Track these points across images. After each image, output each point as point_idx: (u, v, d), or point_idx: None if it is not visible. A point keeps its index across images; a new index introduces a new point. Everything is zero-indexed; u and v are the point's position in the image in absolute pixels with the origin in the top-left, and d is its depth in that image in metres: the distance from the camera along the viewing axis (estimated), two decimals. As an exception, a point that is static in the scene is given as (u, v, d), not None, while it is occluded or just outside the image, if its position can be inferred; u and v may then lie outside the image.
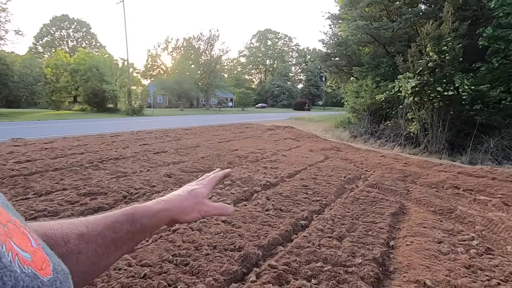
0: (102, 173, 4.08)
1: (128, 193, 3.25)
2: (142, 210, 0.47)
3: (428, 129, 6.82)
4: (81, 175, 3.98)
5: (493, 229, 2.63)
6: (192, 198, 0.53)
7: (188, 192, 0.54)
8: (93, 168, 4.34)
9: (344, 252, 2.09)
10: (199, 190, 0.55)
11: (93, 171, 4.19)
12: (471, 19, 7.56)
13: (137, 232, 0.44)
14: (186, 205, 0.52)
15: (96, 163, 4.61)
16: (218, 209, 0.57)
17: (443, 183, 4.02)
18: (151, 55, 52.94)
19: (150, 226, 0.47)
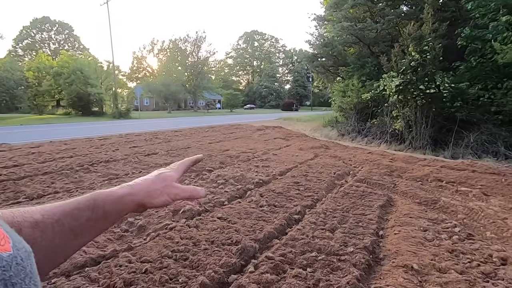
0: (93, 176, 4.06)
1: (122, 194, 3.26)
2: (104, 195, 0.44)
3: (412, 126, 7.08)
4: (72, 178, 3.95)
5: (473, 217, 2.80)
6: (160, 181, 0.50)
7: (155, 176, 0.51)
8: (84, 171, 4.31)
9: (336, 242, 2.19)
10: (168, 173, 0.52)
11: (84, 174, 4.16)
12: (450, 20, 7.91)
13: (99, 219, 0.42)
14: (153, 188, 0.49)
15: (86, 166, 4.57)
16: (188, 192, 0.52)
17: (427, 176, 4.21)
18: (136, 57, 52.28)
19: (114, 213, 0.44)
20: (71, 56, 28.04)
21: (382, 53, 8.57)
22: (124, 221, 2.60)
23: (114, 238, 2.32)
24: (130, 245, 2.16)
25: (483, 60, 6.89)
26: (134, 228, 2.48)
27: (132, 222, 2.57)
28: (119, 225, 2.55)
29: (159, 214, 2.72)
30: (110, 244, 2.20)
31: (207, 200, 3.07)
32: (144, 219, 2.61)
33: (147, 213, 2.75)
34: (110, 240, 2.28)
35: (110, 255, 2.00)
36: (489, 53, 6.61)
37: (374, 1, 10.28)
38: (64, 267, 1.82)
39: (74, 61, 25.50)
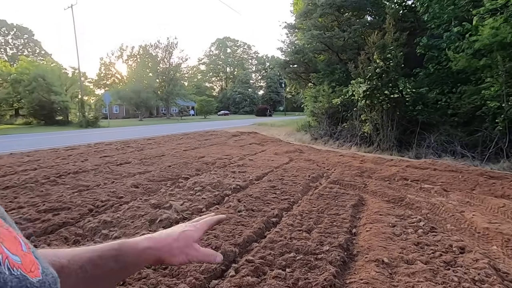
0: (62, 188, 3.86)
1: (94, 206, 3.14)
2: (128, 247, 0.45)
3: (379, 128, 7.49)
4: (37, 191, 3.72)
5: (435, 212, 3.04)
6: (182, 240, 0.51)
7: (179, 233, 0.52)
8: (50, 184, 4.08)
9: (313, 242, 2.28)
10: (191, 233, 0.53)
11: (51, 187, 3.94)
12: (409, 29, 8.55)
13: (120, 270, 0.43)
14: (175, 246, 0.50)
15: (53, 178, 4.33)
16: (206, 256, 0.53)
17: (394, 176, 4.49)
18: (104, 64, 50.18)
19: (134, 265, 0.46)
20: (31, 62, 26.34)
21: (350, 60, 9.03)
22: (98, 234, 2.51)
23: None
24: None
25: (440, 67, 7.51)
26: (109, 240, 2.40)
27: (106, 234, 2.49)
28: (93, 238, 2.46)
29: (135, 225, 2.66)
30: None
31: (185, 208, 3.05)
32: (119, 230, 2.54)
33: (122, 224, 2.68)
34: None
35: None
36: (444, 61, 7.21)
37: (341, 11, 10.83)
38: None
39: (35, 67, 23.97)
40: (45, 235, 2.51)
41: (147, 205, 3.14)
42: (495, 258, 2.08)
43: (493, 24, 5.57)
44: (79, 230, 2.57)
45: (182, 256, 0.50)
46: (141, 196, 3.53)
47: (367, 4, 10.20)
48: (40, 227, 2.62)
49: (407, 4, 9.90)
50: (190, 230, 0.54)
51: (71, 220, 2.78)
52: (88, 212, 3.01)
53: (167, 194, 3.56)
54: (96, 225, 2.64)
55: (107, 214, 2.90)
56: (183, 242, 0.51)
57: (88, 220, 2.77)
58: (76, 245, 2.37)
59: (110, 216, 2.80)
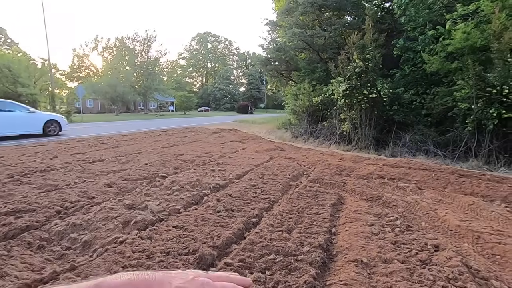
0: (26, 188, 3.59)
1: (63, 207, 2.94)
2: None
3: (358, 127, 7.65)
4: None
5: (411, 210, 3.12)
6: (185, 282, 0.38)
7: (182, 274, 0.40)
8: (14, 184, 3.79)
9: (293, 243, 2.25)
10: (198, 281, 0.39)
11: (15, 187, 3.66)
12: (387, 31, 8.77)
13: None
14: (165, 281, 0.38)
15: (17, 177, 4.02)
16: None
17: (372, 174, 4.59)
18: (77, 55, 47.87)
19: None
20: (-5, 51, 24.55)
21: (330, 59, 9.14)
22: (66, 238, 2.34)
23: (54, 258, 2.07)
24: (74, 264, 1.95)
25: (415, 68, 7.78)
26: (78, 245, 2.25)
27: (75, 238, 2.32)
28: (60, 243, 2.29)
29: (107, 227, 2.51)
30: (49, 265, 1.96)
31: (161, 209, 2.92)
32: (90, 234, 2.38)
33: (93, 226, 2.52)
34: (48, 260, 2.03)
35: (49, 278, 1.78)
36: (419, 63, 7.47)
37: (322, 10, 10.92)
38: (-11, 298, 1.57)
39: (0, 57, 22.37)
40: (6, 240, 2.31)
41: (121, 205, 2.98)
42: (466, 256, 2.15)
43: (464, 29, 5.82)
44: (44, 234, 2.38)
45: None
46: (114, 196, 3.35)
47: (347, 4, 10.35)
48: (0, 231, 2.40)
49: (385, 6, 10.15)
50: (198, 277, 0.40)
51: (35, 223, 2.57)
52: (55, 214, 2.81)
53: (142, 194, 3.41)
54: (64, 228, 2.46)
55: (76, 216, 2.72)
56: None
57: (55, 223, 2.58)
58: (41, 250, 2.19)
59: (80, 219, 2.63)
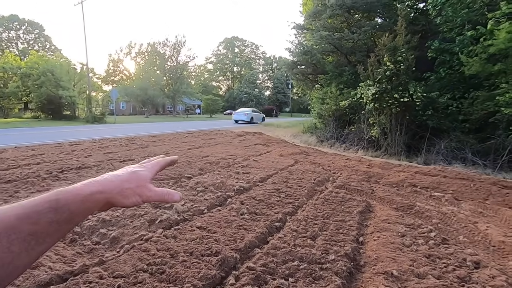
0: (63, 184, 3.81)
1: (94, 204, 3.08)
2: (69, 194, 0.40)
3: (387, 133, 7.33)
4: (38, 186, 3.68)
5: (447, 222, 2.90)
6: (134, 180, 0.48)
7: (128, 174, 0.48)
8: (52, 179, 4.04)
9: (318, 250, 2.17)
10: (142, 173, 0.50)
11: (53, 182, 3.90)
12: (421, 32, 8.36)
13: (64, 221, 0.38)
14: (126, 187, 0.46)
15: (55, 174, 4.29)
16: (161, 195, 0.50)
17: (403, 182, 4.35)
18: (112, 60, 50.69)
19: (81, 212, 0.40)
20: (41, 57, 26.64)
21: (359, 62, 8.88)
22: (96, 233, 2.44)
23: (84, 252, 2.16)
24: (102, 259, 2.01)
25: (451, 71, 7.32)
26: (107, 240, 2.33)
27: (104, 234, 2.41)
28: (90, 237, 2.39)
29: (134, 225, 2.58)
30: (79, 258, 2.05)
31: (186, 209, 2.96)
32: (118, 230, 2.46)
33: (121, 223, 2.61)
34: (79, 254, 2.12)
35: (79, 270, 1.85)
36: (456, 65, 7.02)
37: (351, 12, 10.67)
38: (25, 286, 1.66)
39: (45, 62, 24.22)
40: (42, 232, 2.45)
41: (148, 204, 3.06)
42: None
43: (509, 28, 5.39)
44: (77, 229, 2.50)
45: (135, 197, 0.47)
46: (142, 194, 3.46)
47: (377, 6, 10.02)
48: (38, 223, 2.55)
49: (419, 7, 9.71)
50: (141, 170, 0.51)
51: (69, 218, 2.71)
52: (87, 210, 2.94)
53: (168, 194, 3.48)
54: (94, 223, 2.57)
55: (106, 213, 2.82)
56: (135, 183, 0.47)
57: (88, 219, 2.70)
58: (73, 244, 2.30)
59: (109, 215, 2.73)
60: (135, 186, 0.47)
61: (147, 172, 0.51)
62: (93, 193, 0.41)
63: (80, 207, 0.40)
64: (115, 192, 0.44)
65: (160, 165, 0.56)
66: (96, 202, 0.42)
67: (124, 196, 0.45)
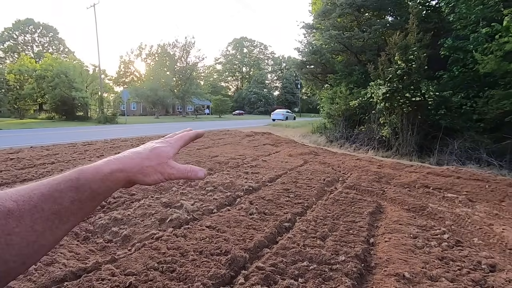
0: (76, 183, 3.90)
1: (106, 202, 3.13)
2: (89, 173, 0.39)
3: (398, 133, 7.21)
4: (53, 185, 3.77)
5: (461, 224, 2.83)
6: (154, 157, 0.45)
7: (149, 150, 0.46)
8: (66, 178, 4.14)
9: (328, 251, 2.15)
10: (163, 149, 0.47)
11: (66, 181, 3.99)
12: (433, 30, 8.18)
13: (85, 199, 0.37)
14: (146, 164, 0.44)
15: (69, 173, 4.39)
16: (184, 172, 0.47)
17: (415, 183, 4.27)
18: (123, 62, 51.57)
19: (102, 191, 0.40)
20: (55, 59, 27.34)
21: (369, 61, 8.76)
22: (108, 231, 2.49)
23: (97, 249, 2.20)
24: (114, 257, 2.05)
25: (465, 69, 7.13)
26: (119, 238, 2.37)
27: (116, 232, 2.45)
28: (103, 235, 2.44)
29: (145, 223, 2.62)
30: (92, 255, 2.09)
31: (196, 208, 2.99)
32: (129, 228, 2.50)
33: (132, 222, 2.65)
34: (92, 251, 2.17)
35: (92, 268, 1.89)
36: (470, 63, 6.84)
37: (361, 11, 10.55)
38: (41, 282, 1.71)
39: (59, 64, 24.86)
40: (57, 230, 2.51)
41: (158, 203, 3.10)
42: (530, 279, 1.89)
43: (526, 24, 5.23)
44: (89, 227, 2.55)
45: (156, 175, 0.45)
46: (152, 194, 3.50)
47: (388, 4, 9.87)
48: (52, 221, 2.62)
49: (431, 4, 9.51)
50: (163, 146, 0.48)
51: (82, 216, 2.77)
52: (99, 208, 3.00)
53: (178, 193, 3.52)
54: (106, 222, 2.62)
55: (118, 211, 2.87)
56: (156, 160, 0.45)
57: (99, 216, 2.76)
58: (86, 241, 2.35)
59: (121, 214, 2.78)
60: (156, 163, 0.45)
61: (170, 147, 0.49)
62: (113, 172, 0.40)
63: (101, 185, 0.39)
64: (135, 170, 0.43)
65: (184, 139, 0.53)
66: (117, 180, 0.41)
67: (145, 174, 0.44)
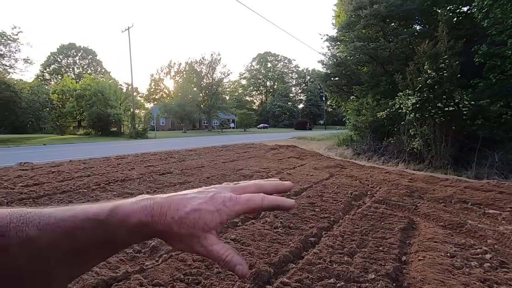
0: (109, 195, 4.11)
1: (136, 214, 3.26)
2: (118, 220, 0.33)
3: (431, 144, 6.85)
4: (88, 197, 4.00)
5: (505, 243, 2.59)
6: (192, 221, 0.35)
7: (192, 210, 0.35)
8: (100, 190, 4.37)
9: (356, 268, 2.07)
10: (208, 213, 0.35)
11: (100, 193, 4.22)
12: (465, 37, 7.83)
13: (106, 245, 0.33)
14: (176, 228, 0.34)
15: (103, 185, 4.64)
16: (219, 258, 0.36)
17: (451, 197, 4.00)
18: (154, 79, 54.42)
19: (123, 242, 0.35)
20: (93, 79, 29.52)
21: (396, 71, 8.51)
22: (137, 242, 2.57)
23: (127, 259, 2.28)
24: (142, 267, 2.12)
25: (503, 76, 6.70)
26: (147, 249, 2.45)
27: (145, 243, 2.53)
28: (133, 246, 2.53)
29: (172, 235, 2.68)
30: (123, 265, 2.17)
31: (221, 221, 3.01)
32: (157, 240, 2.57)
33: (160, 233, 2.72)
34: (122, 261, 2.25)
35: (122, 277, 1.96)
36: (509, 70, 6.43)
37: (386, 22, 10.37)
38: (76, 289, 1.80)
39: (96, 84, 26.81)
40: (91, 239, 2.65)
41: (185, 215, 3.17)
42: None
43: None
44: (120, 237, 2.66)
45: (182, 245, 0.35)
46: (179, 206, 3.59)
47: (415, 13, 9.62)
48: (87, 231, 2.77)
49: (462, 11, 9.14)
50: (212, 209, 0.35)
51: (114, 226, 2.90)
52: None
53: (204, 206, 3.57)
54: (136, 233, 2.71)
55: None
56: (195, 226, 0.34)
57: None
58: (117, 252, 2.45)
59: (150, 225, 2.87)
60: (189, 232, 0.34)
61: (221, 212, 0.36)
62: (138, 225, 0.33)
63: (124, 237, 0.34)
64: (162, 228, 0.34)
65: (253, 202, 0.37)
66: (140, 235, 0.34)
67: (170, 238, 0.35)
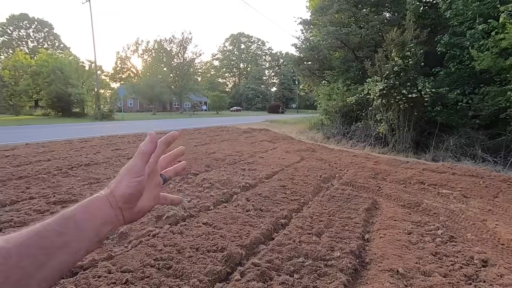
0: (72, 180, 3.89)
1: (103, 200, 3.13)
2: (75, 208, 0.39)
3: (395, 129, 7.25)
4: (49, 182, 3.76)
5: (454, 219, 2.87)
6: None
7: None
8: (62, 175, 4.12)
9: (323, 247, 2.18)
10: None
11: (63, 178, 3.98)
12: (430, 27, 8.19)
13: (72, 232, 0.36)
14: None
15: (65, 170, 4.38)
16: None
17: (410, 179, 4.31)
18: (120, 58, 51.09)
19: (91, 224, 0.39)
20: (51, 55, 26.99)
21: (366, 57, 8.76)
22: (105, 228, 2.49)
23: (93, 247, 2.21)
24: (110, 254, 2.06)
25: (461, 66, 7.17)
26: (115, 235, 2.38)
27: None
28: (99, 233, 2.44)
29: (141, 220, 2.62)
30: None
31: (192, 205, 2.99)
32: (125, 226, 2.51)
33: (129, 219, 2.65)
34: (88, 248, 2.17)
35: (88, 265, 1.90)
36: (466, 60, 6.87)
37: (359, 7, 10.51)
38: (37, 280, 1.71)
39: (54, 60, 24.56)
40: (53, 227, 2.51)
41: (155, 200, 3.10)
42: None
43: (522, 21, 5.25)
44: (86, 224, 2.55)
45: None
46: (149, 191, 3.50)
47: (386, 0, 9.85)
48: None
49: (428, 0, 9.50)
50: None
51: (79, 213, 2.77)
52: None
53: (175, 190, 3.52)
54: (103, 219, 2.62)
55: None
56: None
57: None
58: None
59: (118, 211, 2.78)
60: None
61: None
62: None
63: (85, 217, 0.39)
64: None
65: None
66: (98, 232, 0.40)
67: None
